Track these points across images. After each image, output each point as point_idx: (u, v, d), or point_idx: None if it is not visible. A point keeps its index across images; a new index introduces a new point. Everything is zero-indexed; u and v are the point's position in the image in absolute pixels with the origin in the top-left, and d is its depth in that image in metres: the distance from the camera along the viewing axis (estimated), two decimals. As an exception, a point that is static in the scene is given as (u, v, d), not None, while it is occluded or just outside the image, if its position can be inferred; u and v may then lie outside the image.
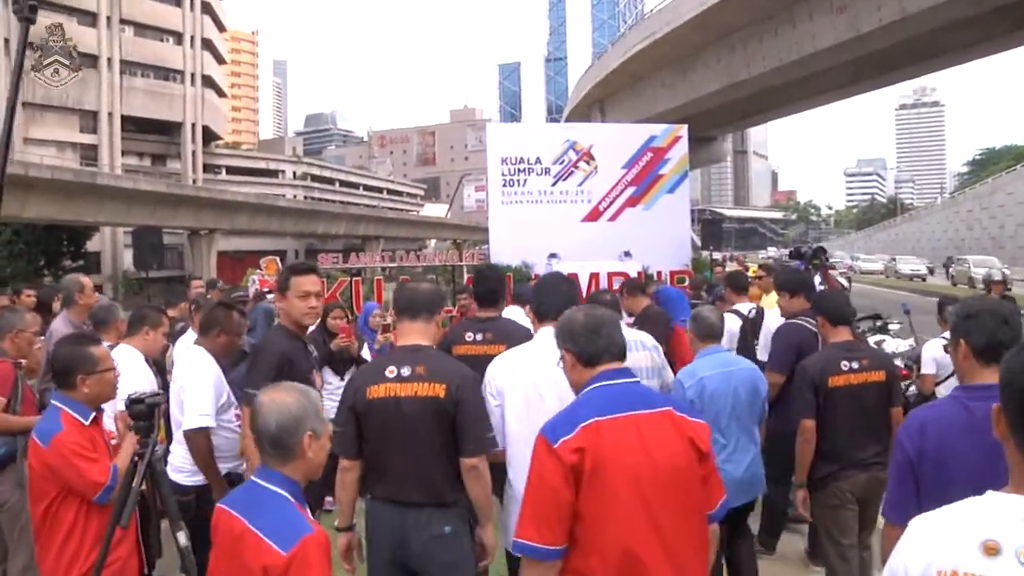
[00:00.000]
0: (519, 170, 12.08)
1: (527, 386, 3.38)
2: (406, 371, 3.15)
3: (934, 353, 6.54)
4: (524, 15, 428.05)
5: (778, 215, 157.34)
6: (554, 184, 12.09)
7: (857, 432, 4.15)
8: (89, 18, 48.79)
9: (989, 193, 50.91)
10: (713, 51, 37.91)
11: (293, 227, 55.72)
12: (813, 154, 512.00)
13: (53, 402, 3.25)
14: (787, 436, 4.43)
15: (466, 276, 12.83)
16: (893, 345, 8.77)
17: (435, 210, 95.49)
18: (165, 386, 4.59)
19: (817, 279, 7.72)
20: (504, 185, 12.01)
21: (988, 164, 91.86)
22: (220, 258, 49.81)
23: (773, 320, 5.85)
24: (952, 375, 6.52)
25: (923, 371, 6.64)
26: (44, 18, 42.91)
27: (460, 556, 3.19)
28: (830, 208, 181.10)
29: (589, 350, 2.51)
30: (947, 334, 6.92)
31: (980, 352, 2.46)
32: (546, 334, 3.32)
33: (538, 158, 12.06)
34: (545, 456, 2.29)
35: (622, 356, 2.55)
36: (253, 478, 2.25)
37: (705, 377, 4.20)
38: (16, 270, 36.28)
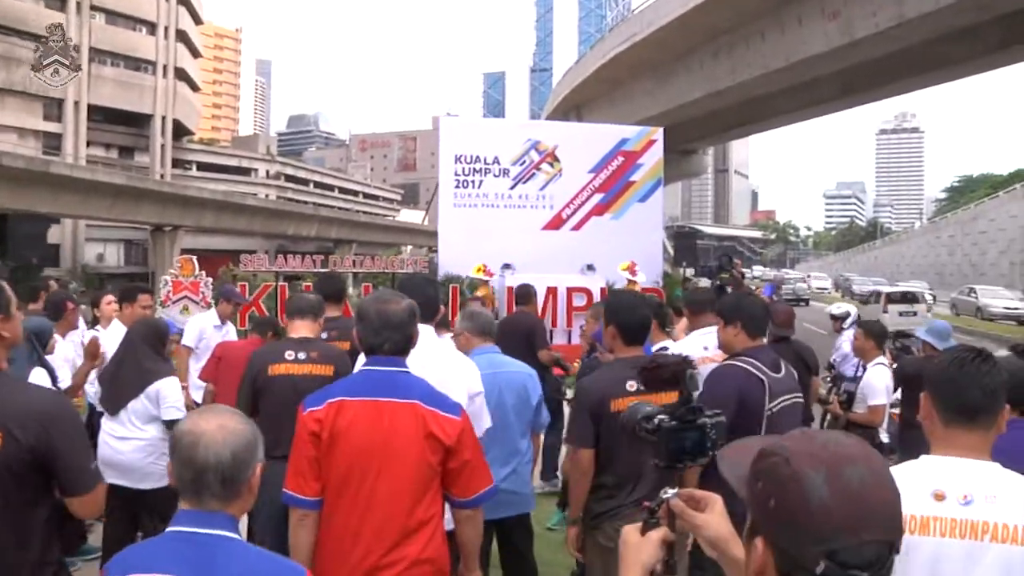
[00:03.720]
0: (474, 170, 10.85)
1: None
2: (302, 355, 4.21)
3: (886, 380, 5.68)
4: (511, 25, 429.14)
5: (757, 234, 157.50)
6: (513, 187, 10.94)
7: (640, 465, 3.43)
8: (58, 3, 47.22)
9: (971, 219, 50.33)
10: (696, 56, 36.62)
11: (261, 227, 54.19)
12: (793, 175, 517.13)
13: None
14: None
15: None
16: None
17: (413, 216, 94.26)
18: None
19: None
20: (457, 186, 10.84)
21: (966, 191, 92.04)
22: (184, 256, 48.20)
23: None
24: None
25: (872, 402, 5.64)
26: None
27: None
28: (809, 229, 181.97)
29: (368, 341, 2.76)
30: (881, 359, 5.79)
31: None
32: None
33: (496, 157, 10.88)
34: (300, 421, 2.68)
35: (399, 351, 2.75)
36: (183, 529, 1.75)
37: None
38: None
